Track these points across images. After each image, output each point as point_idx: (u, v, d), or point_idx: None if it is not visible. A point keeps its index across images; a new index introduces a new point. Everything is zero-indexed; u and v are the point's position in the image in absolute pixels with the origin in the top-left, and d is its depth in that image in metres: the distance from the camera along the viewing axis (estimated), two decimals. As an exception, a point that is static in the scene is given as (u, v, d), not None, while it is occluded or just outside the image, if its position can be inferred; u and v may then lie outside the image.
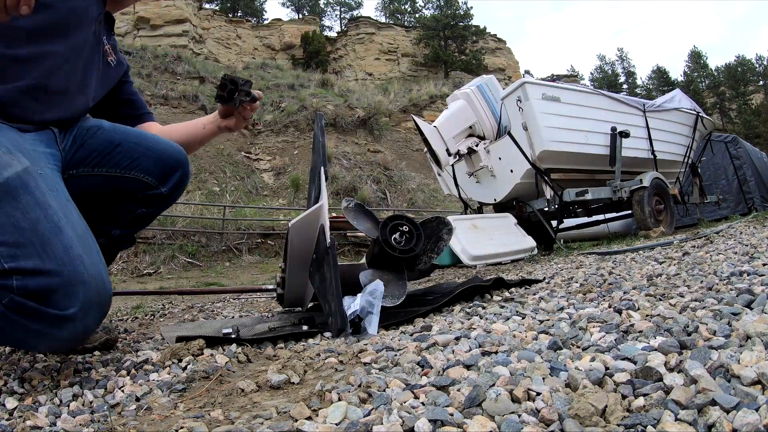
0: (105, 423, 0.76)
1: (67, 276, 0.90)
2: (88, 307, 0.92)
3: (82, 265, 0.93)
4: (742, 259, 1.77)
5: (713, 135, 7.30)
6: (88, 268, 0.94)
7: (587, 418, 0.56)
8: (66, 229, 0.95)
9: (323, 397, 0.77)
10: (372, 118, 17.01)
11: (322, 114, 1.99)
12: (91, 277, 0.93)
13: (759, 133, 32.44)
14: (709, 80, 45.51)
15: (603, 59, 52.34)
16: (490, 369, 0.78)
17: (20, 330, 0.90)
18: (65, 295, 0.89)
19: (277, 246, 9.70)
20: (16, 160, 0.99)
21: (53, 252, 0.91)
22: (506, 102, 4.64)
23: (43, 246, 0.91)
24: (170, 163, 1.40)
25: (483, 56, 33.93)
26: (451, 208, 12.80)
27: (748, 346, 0.70)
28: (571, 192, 4.59)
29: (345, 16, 41.73)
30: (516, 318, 1.22)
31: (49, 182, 1.03)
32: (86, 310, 0.92)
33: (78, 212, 1.05)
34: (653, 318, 0.96)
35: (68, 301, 0.90)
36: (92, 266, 0.95)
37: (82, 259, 0.94)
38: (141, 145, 1.37)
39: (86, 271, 0.93)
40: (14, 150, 1.02)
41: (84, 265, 0.93)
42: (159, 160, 1.38)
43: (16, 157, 1.00)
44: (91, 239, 1.01)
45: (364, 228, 1.86)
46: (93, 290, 0.93)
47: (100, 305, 0.95)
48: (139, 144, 1.37)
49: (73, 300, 0.90)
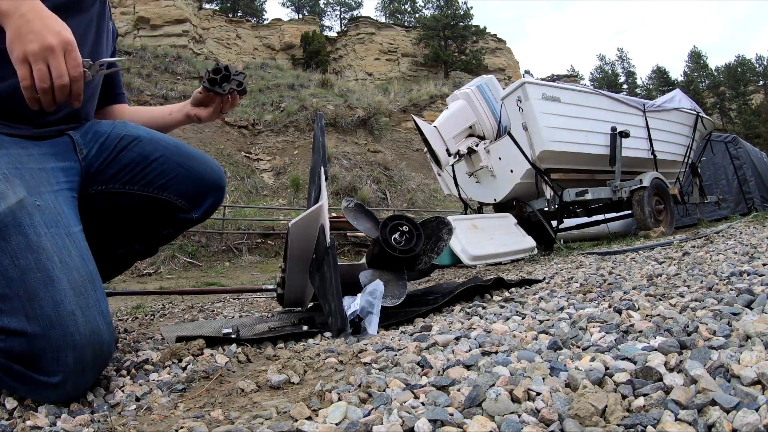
0: (105, 423, 0.76)
1: (55, 340, 0.80)
2: (80, 370, 0.83)
3: (74, 326, 0.82)
4: (742, 259, 1.77)
5: (713, 135, 7.30)
6: (82, 328, 0.83)
7: (587, 418, 0.56)
8: (59, 278, 0.84)
9: (323, 397, 0.77)
10: (372, 118, 17.01)
11: (322, 114, 1.99)
12: (85, 338, 0.82)
13: (759, 133, 32.44)
14: (709, 80, 45.51)
15: (603, 59, 52.39)
16: (490, 369, 0.78)
17: (12, 386, 0.85)
18: (53, 360, 0.80)
19: (277, 246, 9.70)
20: (11, 191, 0.91)
21: (41, 309, 0.81)
22: (506, 102, 4.64)
23: (30, 301, 0.81)
24: (207, 185, 1.33)
25: (483, 56, 33.93)
26: (451, 208, 12.80)
27: (748, 346, 0.70)
28: (571, 192, 4.59)
29: (345, 16, 41.75)
30: (516, 318, 1.22)
31: (47, 215, 0.92)
32: (79, 373, 0.83)
33: (81, 247, 0.94)
34: (653, 318, 0.96)
35: (56, 367, 0.80)
36: (87, 324, 0.84)
37: (74, 317, 0.82)
38: (178, 163, 1.29)
39: (78, 332, 0.82)
40: (12, 175, 0.94)
41: (76, 325, 0.82)
42: (196, 181, 1.31)
43: (12, 186, 0.92)
44: (91, 284, 0.89)
45: (364, 228, 1.86)
46: (86, 353, 0.83)
47: (95, 366, 0.86)
48: (176, 161, 1.28)
49: (61, 365, 0.81)
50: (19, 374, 0.82)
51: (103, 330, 0.86)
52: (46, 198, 0.95)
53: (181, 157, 1.30)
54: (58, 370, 0.81)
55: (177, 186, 1.28)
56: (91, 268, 0.92)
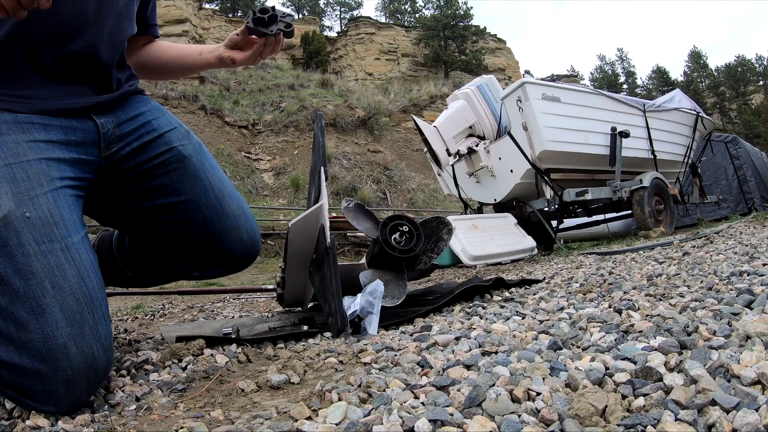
0: (105, 423, 0.76)
1: (46, 375, 0.75)
2: (72, 399, 0.78)
3: (66, 359, 0.75)
4: (742, 259, 1.77)
5: (713, 135, 7.31)
6: (74, 361, 0.76)
7: (587, 418, 0.56)
8: (50, 307, 0.76)
9: (323, 397, 0.77)
10: (372, 118, 17.02)
11: (322, 114, 1.99)
12: (78, 370, 0.77)
13: (759, 133, 32.43)
14: (709, 80, 45.51)
15: (603, 59, 52.45)
16: (490, 369, 0.78)
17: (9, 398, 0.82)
18: (44, 392, 0.76)
19: (277, 246, 9.70)
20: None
21: (30, 343, 0.74)
22: (506, 102, 4.64)
23: (19, 332, 0.74)
24: (226, 257, 1.16)
25: (483, 56, 33.92)
26: (451, 208, 12.80)
27: (748, 346, 0.70)
28: (571, 192, 4.59)
29: (345, 16, 41.77)
30: (516, 318, 1.22)
31: (39, 229, 0.80)
32: (71, 401, 0.78)
33: (81, 261, 0.83)
34: (653, 318, 0.96)
35: (47, 398, 0.76)
36: (80, 354, 0.77)
37: (66, 350, 0.76)
38: (206, 218, 1.11)
39: (71, 366, 0.76)
40: (1, 179, 0.81)
41: (69, 359, 0.76)
42: (215, 249, 1.14)
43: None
44: (89, 306, 0.81)
45: (364, 228, 1.86)
46: (79, 383, 0.78)
47: (89, 391, 0.81)
48: (204, 215, 1.11)
49: (52, 396, 0.76)
50: (11, 396, 0.79)
51: (99, 357, 0.80)
52: (39, 203, 0.83)
53: (213, 212, 1.12)
54: (50, 400, 0.77)
55: (191, 243, 1.12)
56: (90, 287, 0.82)
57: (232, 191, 1.20)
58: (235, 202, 1.19)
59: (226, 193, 1.17)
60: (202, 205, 1.12)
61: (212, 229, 1.13)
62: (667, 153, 5.70)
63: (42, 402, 0.77)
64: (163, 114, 1.15)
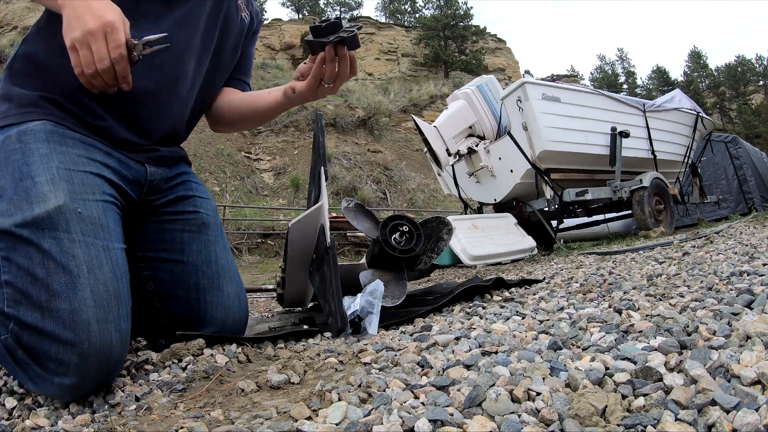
0: (105, 423, 0.76)
1: (64, 342, 0.81)
2: (79, 378, 0.82)
3: (86, 334, 0.81)
4: (742, 259, 1.77)
5: (713, 135, 7.31)
6: (93, 339, 0.82)
7: (587, 418, 0.56)
8: (83, 286, 0.84)
9: (323, 397, 0.77)
10: (372, 118, 17.02)
11: (322, 114, 1.99)
12: (93, 349, 0.82)
13: (759, 133, 32.42)
14: (709, 80, 45.50)
15: (603, 59, 52.41)
16: (490, 369, 0.78)
17: (12, 370, 0.87)
18: (56, 361, 0.81)
19: (277, 246, 9.70)
20: (53, 194, 0.90)
21: (57, 312, 0.81)
22: (506, 102, 4.64)
23: (49, 301, 0.82)
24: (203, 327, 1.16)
25: (483, 56, 33.91)
26: (451, 208, 12.80)
27: (748, 346, 0.70)
28: (571, 192, 4.59)
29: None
30: (516, 318, 1.22)
31: (87, 224, 0.91)
32: (77, 381, 0.82)
33: (117, 264, 0.92)
34: (653, 318, 0.96)
35: (57, 368, 0.81)
36: (100, 336, 0.83)
37: (88, 326, 0.82)
38: (197, 284, 1.13)
39: (89, 341, 0.81)
40: (60, 178, 0.93)
41: (88, 334, 0.81)
42: (194, 317, 1.14)
43: (55, 190, 0.91)
44: (116, 301, 0.88)
45: (364, 228, 1.86)
46: (91, 364, 0.82)
47: (97, 377, 0.84)
48: (196, 282, 1.13)
49: (62, 367, 0.81)
50: (21, 361, 0.83)
51: (115, 346, 0.85)
52: (90, 206, 0.93)
53: (209, 283, 1.15)
54: (60, 371, 0.81)
55: (174, 307, 1.14)
56: (121, 287, 0.90)
57: (235, 275, 1.23)
58: (233, 285, 1.22)
59: (229, 273, 1.21)
60: (200, 273, 1.16)
61: (201, 297, 1.15)
62: (667, 153, 5.70)
63: (48, 370, 0.81)
64: (201, 183, 1.25)
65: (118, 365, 0.88)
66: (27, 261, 0.84)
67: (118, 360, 0.87)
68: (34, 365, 0.82)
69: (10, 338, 0.83)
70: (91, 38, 0.87)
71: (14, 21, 19.23)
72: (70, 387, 0.82)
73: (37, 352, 0.81)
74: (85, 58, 0.88)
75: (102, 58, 0.88)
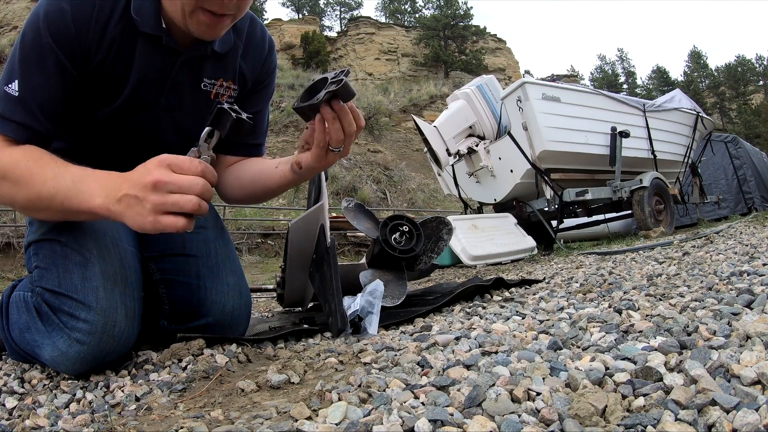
0: (105, 423, 0.76)
1: (76, 300, 0.97)
2: (90, 335, 0.96)
3: (94, 296, 0.97)
4: (742, 259, 1.77)
5: (713, 135, 7.30)
6: (101, 302, 0.97)
7: (587, 418, 0.56)
8: (93, 264, 1.00)
9: (323, 397, 0.77)
10: (372, 118, 17.02)
11: (322, 114, 1.98)
12: (101, 312, 0.97)
13: (759, 133, 32.43)
14: (709, 80, 45.52)
15: (603, 59, 52.46)
16: (490, 369, 0.78)
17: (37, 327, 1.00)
18: (70, 316, 0.97)
19: (277, 246, 9.70)
20: None
21: (70, 279, 0.99)
22: (506, 102, 4.64)
23: (65, 271, 1.00)
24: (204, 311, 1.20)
25: (483, 56, 33.93)
26: (451, 208, 12.80)
27: (748, 346, 0.70)
28: (571, 192, 4.59)
29: (345, 16, 41.75)
30: (516, 318, 1.22)
31: (97, 227, 1.06)
32: (88, 339, 0.96)
33: (126, 258, 1.07)
34: (653, 318, 0.96)
35: (71, 322, 0.97)
36: (106, 300, 0.98)
37: (96, 291, 0.98)
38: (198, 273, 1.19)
39: (97, 302, 0.97)
40: None
41: (96, 296, 0.97)
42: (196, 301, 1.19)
43: None
44: (123, 283, 1.03)
45: (364, 228, 1.86)
46: (98, 323, 0.96)
47: (105, 340, 0.97)
48: (198, 271, 1.20)
49: (74, 322, 0.96)
50: (45, 315, 1.00)
51: (120, 315, 0.99)
52: None
53: (209, 272, 1.20)
54: (72, 325, 0.96)
55: (177, 291, 1.20)
56: (129, 273, 1.05)
57: (237, 269, 1.27)
58: (234, 277, 1.24)
59: (230, 267, 1.25)
60: (201, 263, 1.22)
61: (202, 284, 1.20)
62: (667, 153, 5.70)
63: (63, 323, 0.97)
64: None
65: (123, 338, 1.00)
66: (50, 251, 1.03)
67: (124, 331, 1.00)
68: (53, 316, 0.98)
69: (37, 299, 1.01)
70: (161, 186, 0.81)
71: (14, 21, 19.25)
72: (81, 343, 0.95)
73: (55, 306, 0.98)
74: (171, 204, 0.81)
75: (185, 189, 0.81)
